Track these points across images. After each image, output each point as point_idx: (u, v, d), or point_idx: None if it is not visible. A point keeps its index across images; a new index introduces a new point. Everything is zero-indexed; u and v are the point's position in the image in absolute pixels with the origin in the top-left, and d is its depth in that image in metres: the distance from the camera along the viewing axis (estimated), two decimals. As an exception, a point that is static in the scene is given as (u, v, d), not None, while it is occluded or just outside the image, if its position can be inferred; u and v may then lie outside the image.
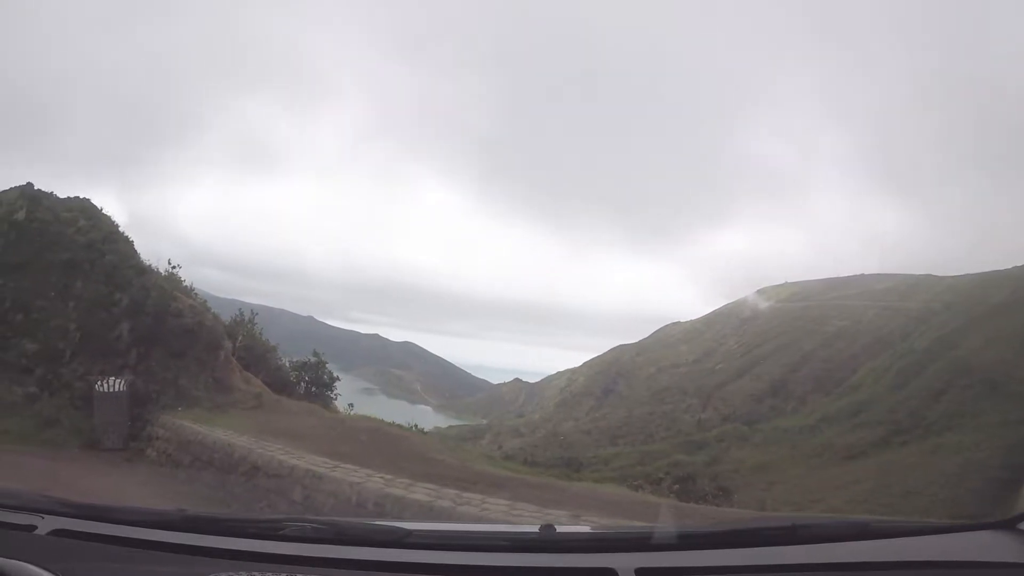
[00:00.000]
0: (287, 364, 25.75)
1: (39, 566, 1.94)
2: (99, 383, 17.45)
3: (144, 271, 20.50)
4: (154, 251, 21.53)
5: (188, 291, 22.26)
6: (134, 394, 17.73)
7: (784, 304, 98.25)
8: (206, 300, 22.89)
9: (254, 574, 2.05)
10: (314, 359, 25.96)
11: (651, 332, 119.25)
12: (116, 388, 17.39)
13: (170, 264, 22.66)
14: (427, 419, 51.82)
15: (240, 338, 22.27)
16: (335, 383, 26.33)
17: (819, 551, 2.32)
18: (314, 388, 25.03)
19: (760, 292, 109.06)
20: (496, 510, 8.50)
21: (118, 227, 22.03)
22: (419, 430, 23.51)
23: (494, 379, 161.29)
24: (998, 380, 42.05)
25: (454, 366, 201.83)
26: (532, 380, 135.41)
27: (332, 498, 10.08)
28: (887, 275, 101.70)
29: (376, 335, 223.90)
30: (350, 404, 26.90)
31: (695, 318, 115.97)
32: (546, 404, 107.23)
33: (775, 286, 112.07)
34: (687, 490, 23.78)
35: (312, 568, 2.21)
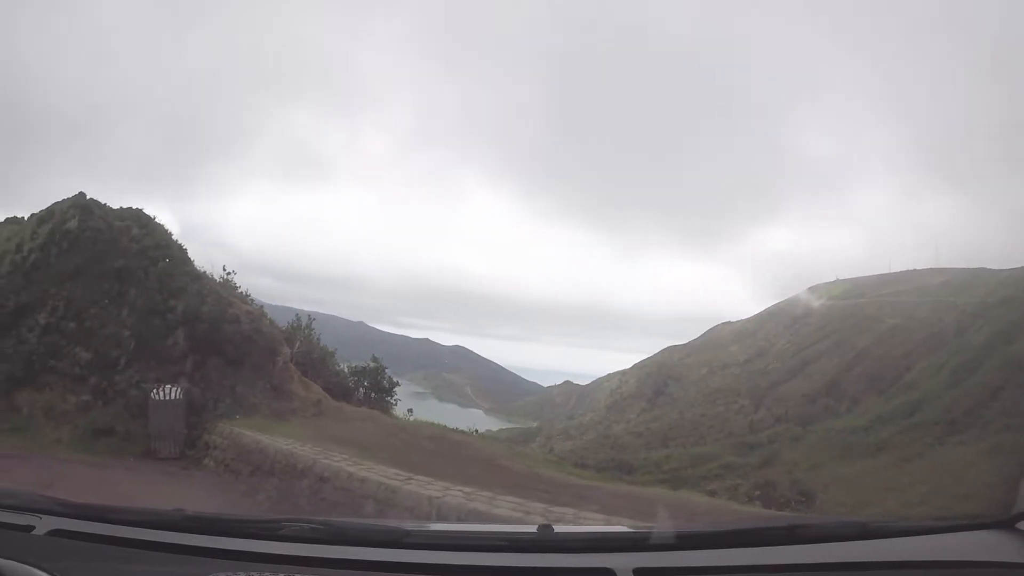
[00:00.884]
0: (345, 370, 25.23)
1: (37, 566, 1.95)
2: (154, 391, 17.00)
3: (199, 277, 20.11)
4: (206, 260, 21.10)
5: (243, 297, 21.81)
6: (190, 402, 17.29)
7: (836, 302, 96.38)
8: (262, 306, 22.42)
9: (252, 574, 2.06)
10: (373, 364, 25.41)
11: (701, 333, 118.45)
12: (172, 396, 16.94)
13: (225, 270, 22.26)
14: (478, 422, 51.25)
15: (297, 344, 21.74)
16: (394, 388, 25.74)
17: (818, 551, 2.31)
18: (373, 394, 24.46)
19: (811, 290, 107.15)
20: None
21: (171, 235, 21.71)
22: (479, 435, 22.91)
23: (544, 382, 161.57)
24: (1058, 376, 40.72)
25: (504, 369, 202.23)
26: (582, 383, 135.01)
27: (408, 513, 9.42)
28: (941, 269, 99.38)
29: (426, 339, 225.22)
30: (409, 409, 26.38)
31: (746, 318, 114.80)
32: (596, 407, 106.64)
33: (827, 283, 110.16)
34: (768, 496, 22.86)
35: (311, 568, 2.21)
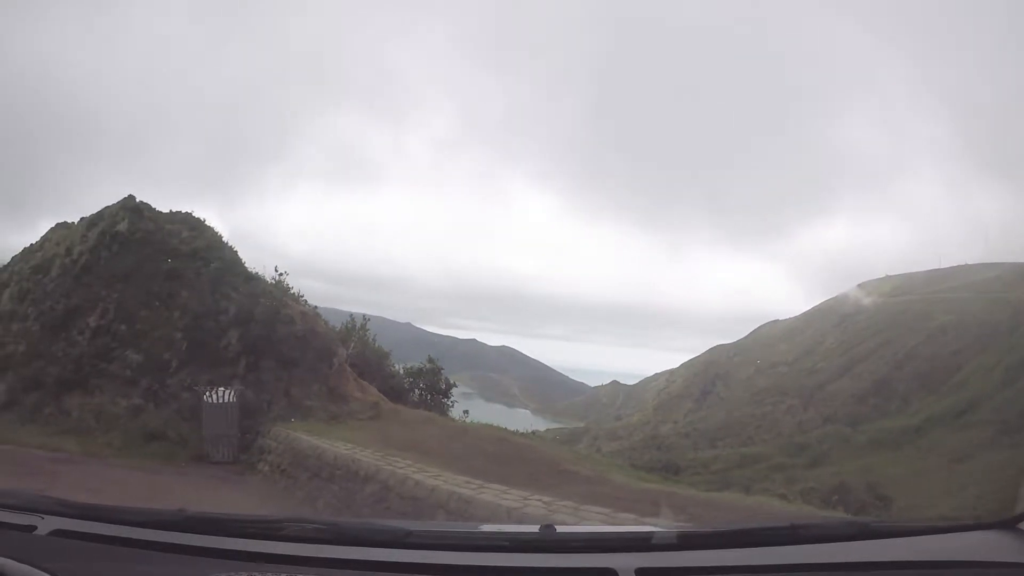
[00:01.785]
0: (400, 371, 24.77)
1: (39, 566, 1.94)
2: (207, 394, 16.63)
3: (251, 278, 19.74)
4: (256, 264, 20.81)
5: (296, 298, 21.38)
6: (244, 405, 16.92)
7: (885, 299, 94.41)
8: (316, 307, 21.98)
9: (254, 574, 2.07)
10: (429, 365, 24.92)
11: (749, 331, 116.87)
12: (225, 399, 16.54)
13: (277, 271, 21.85)
14: (525, 423, 50.77)
15: (352, 345, 21.27)
16: (451, 390, 25.22)
17: (819, 551, 2.31)
18: (428, 395, 23.95)
19: (860, 287, 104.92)
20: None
21: (221, 237, 21.41)
22: (539, 437, 22.34)
23: (591, 382, 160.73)
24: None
25: (551, 369, 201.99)
26: (629, 382, 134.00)
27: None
28: (992, 264, 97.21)
29: (473, 340, 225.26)
30: (465, 411, 25.86)
31: (794, 315, 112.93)
32: (644, 406, 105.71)
33: (876, 280, 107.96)
34: (845, 500, 22.00)
35: (312, 568, 2.20)
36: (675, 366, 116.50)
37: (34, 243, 23.01)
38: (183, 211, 22.14)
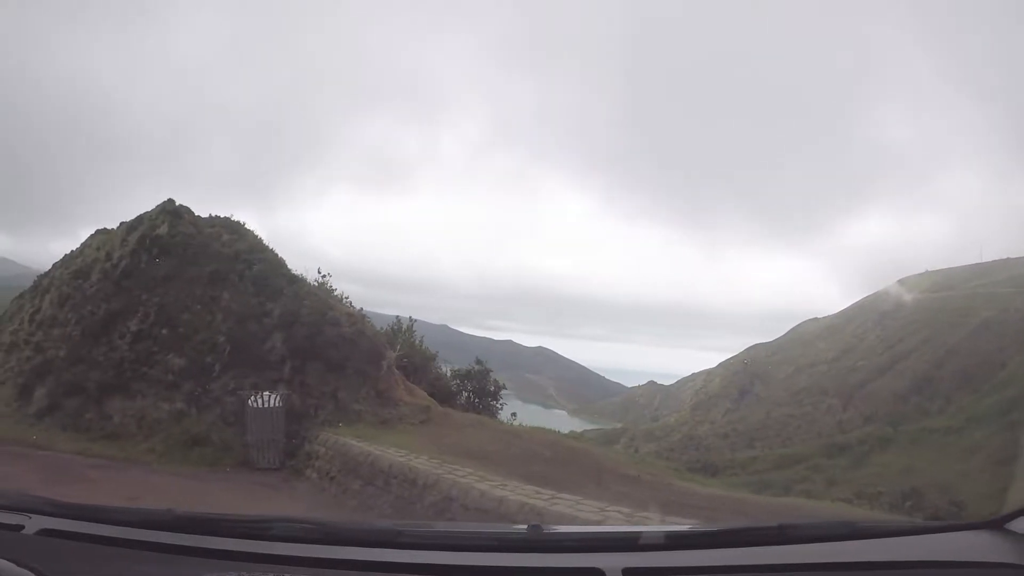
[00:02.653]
0: (448, 373, 24.24)
1: (27, 566, 1.94)
2: (252, 398, 16.15)
3: (295, 280, 19.29)
4: (294, 268, 20.18)
5: (340, 300, 20.92)
6: (289, 409, 16.41)
7: (926, 295, 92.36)
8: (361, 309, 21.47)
9: (243, 574, 2.07)
10: (477, 367, 24.37)
11: (787, 330, 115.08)
12: (271, 403, 16.04)
13: (320, 273, 21.39)
14: (562, 424, 50.12)
15: (398, 347, 20.75)
16: (500, 392, 24.63)
17: (807, 551, 2.30)
18: (476, 398, 23.39)
19: (901, 283, 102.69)
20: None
21: (262, 240, 21.03)
22: (588, 439, 21.74)
23: (628, 382, 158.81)
24: None
25: (588, 370, 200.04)
26: (666, 383, 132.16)
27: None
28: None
29: (509, 341, 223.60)
30: (513, 413, 25.25)
31: (833, 313, 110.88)
32: (681, 407, 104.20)
33: (916, 275, 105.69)
34: (918, 506, 21.11)
35: (301, 568, 2.19)
36: (713, 366, 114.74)
37: (74, 250, 22.82)
38: (221, 215, 21.87)
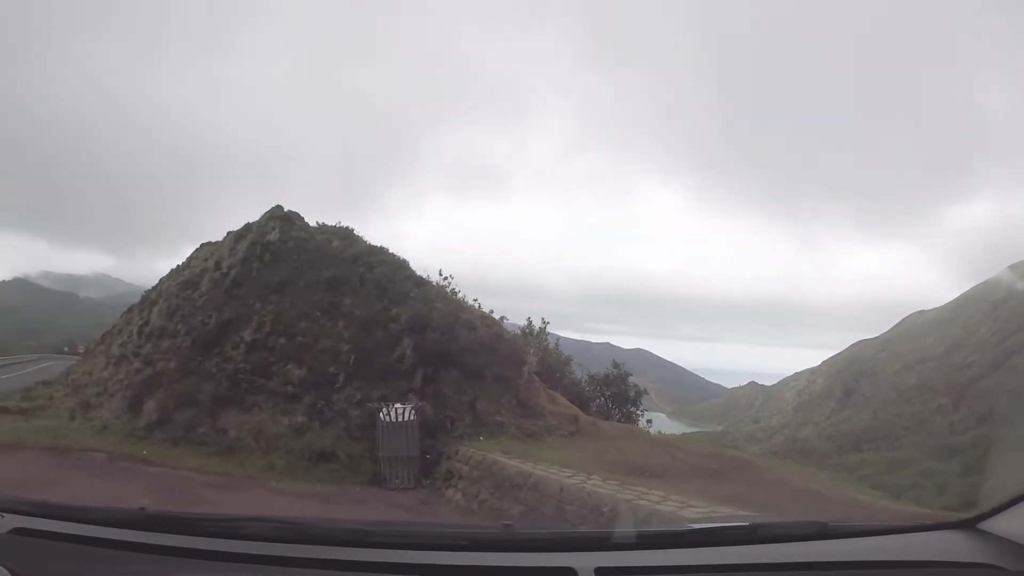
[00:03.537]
0: (583, 378, 22.56)
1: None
2: (383, 410, 14.61)
3: (422, 282, 18.02)
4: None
5: (465, 303, 19.38)
6: (422, 422, 14.86)
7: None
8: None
9: (215, 573, 2.14)
10: (615, 371, 22.63)
11: (894, 324, 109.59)
12: (405, 416, 14.49)
13: (441, 275, 19.94)
14: (662, 426, 47.99)
15: (532, 352, 19.09)
16: (641, 398, 22.85)
17: (778, 551, 2.30)
18: (613, 405, 21.58)
19: (1013, 268, 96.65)
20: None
21: (375, 246, 19.73)
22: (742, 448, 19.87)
23: (728, 383, 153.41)
24: None
25: (687, 371, 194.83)
26: (768, 383, 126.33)
27: None
28: None
29: (607, 343, 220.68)
30: (648, 420, 23.62)
31: (941, 304, 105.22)
32: (783, 408, 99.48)
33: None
34: None
35: (272, 567, 2.18)
36: (816, 364, 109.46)
37: (180, 263, 22.02)
38: (327, 224, 20.86)
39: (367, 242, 19.86)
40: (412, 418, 14.53)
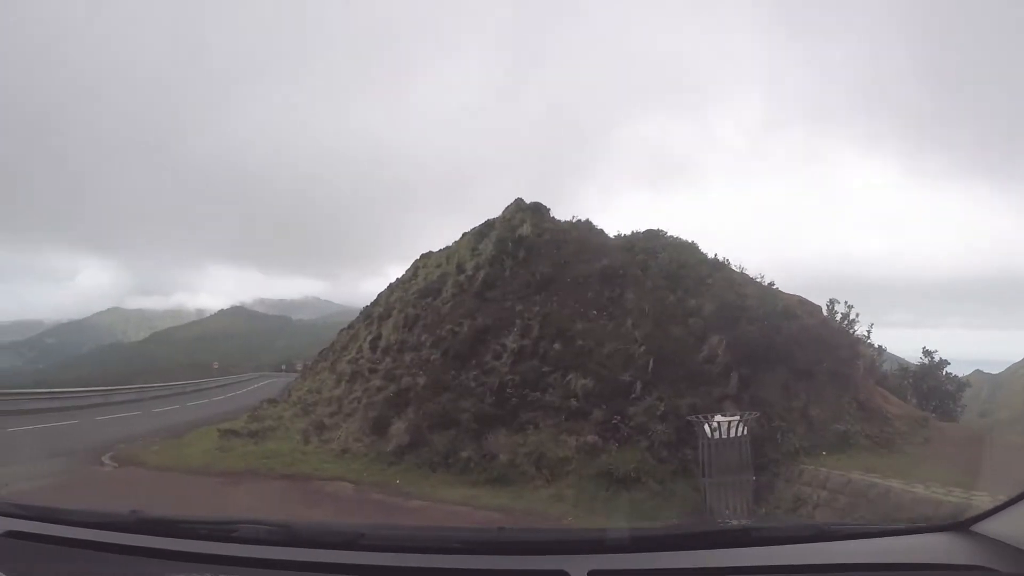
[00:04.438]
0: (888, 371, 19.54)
1: None
2: (706, 425, 11.63)
3: (720, 266, 15.14)
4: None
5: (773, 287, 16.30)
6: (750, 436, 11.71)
7: None
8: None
9: None
10: (927, 360, 19.27)
11: None
12: (734, 431, 11.46)
13: (724, 260, 17.04)
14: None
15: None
16: (963, 391, 19.49)
17: (772, 553, 2.26)
18: (926, 400, 18.24)
19: None
20: None
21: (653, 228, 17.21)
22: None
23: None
24: None
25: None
26: (994, 371, 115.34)
27: None
28: None
29: None
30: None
31: None
32: (1012, 399, 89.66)
33: None
34: None
35: (265, 570, 2.19)
36: None
37: (402, 275, 20.21)
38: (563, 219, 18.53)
39: (606, 234, 17.49)
40: (743, 432, 11.52)
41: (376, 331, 18.87)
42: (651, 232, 16.24)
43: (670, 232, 16.46)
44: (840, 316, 18.80)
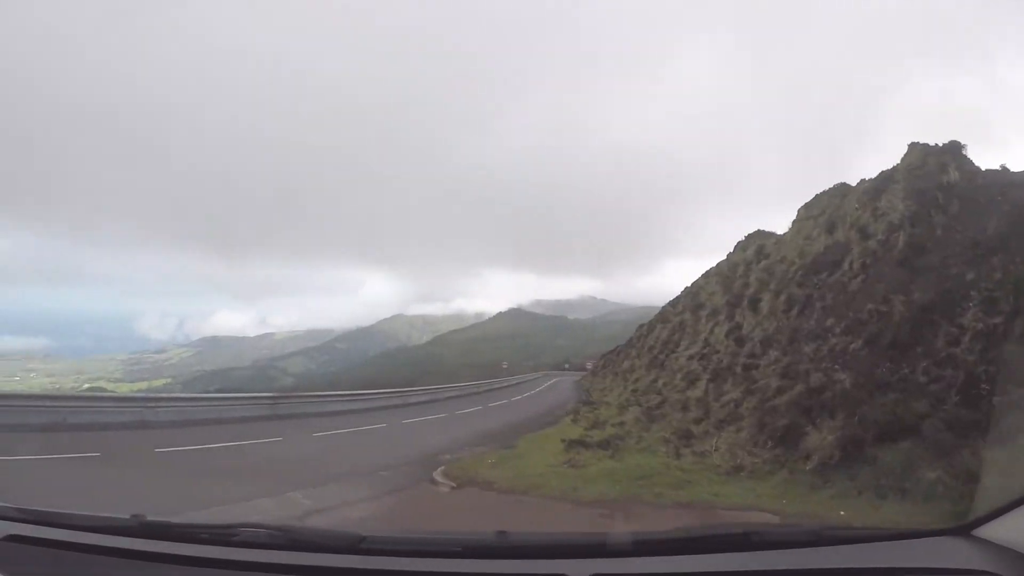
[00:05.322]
0: None
1: None
2: None
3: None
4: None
5: None
6: None
7: None
8: None
9: None
10: None
11: None
12: None
13: None
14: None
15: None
16: None
17: (773, 557, 2.25)
18: None
19: None
20: None
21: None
22: None
23: None
24: None
25: None
26: None
27: None
28: None
29: None
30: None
31: None
32: None
33: None
34: None
35: (266, 574, 2.18)
36: None
37: (734, 247, 17.28)
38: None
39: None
40: None
41: (732, 320, 16.02)
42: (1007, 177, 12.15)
43: None
44: None
